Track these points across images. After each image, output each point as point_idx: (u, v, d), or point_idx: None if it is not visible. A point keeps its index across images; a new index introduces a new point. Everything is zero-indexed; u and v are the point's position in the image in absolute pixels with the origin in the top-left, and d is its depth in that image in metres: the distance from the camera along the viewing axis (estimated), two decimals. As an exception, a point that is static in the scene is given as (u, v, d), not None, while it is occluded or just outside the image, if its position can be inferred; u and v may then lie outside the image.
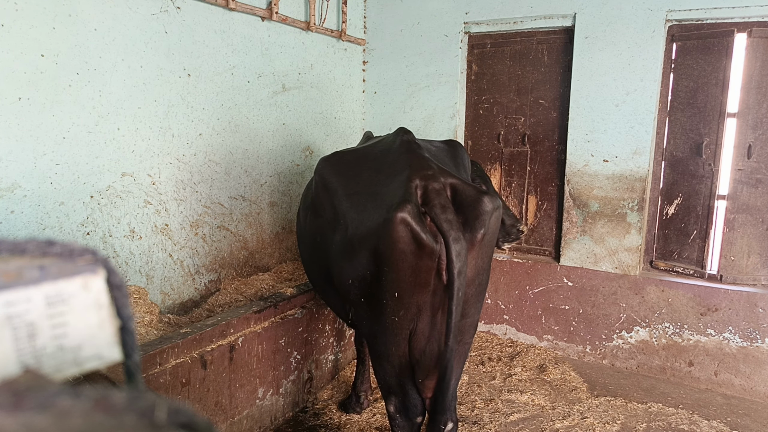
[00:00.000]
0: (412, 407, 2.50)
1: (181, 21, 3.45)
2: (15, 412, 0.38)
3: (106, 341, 0.54)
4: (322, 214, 2.68)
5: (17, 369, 0.48)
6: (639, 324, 4.40)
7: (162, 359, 2.67)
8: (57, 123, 2.86)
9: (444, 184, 2.26)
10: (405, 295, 2.25)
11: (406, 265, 2.19)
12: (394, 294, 2.25)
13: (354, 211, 2.40)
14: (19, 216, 2.76)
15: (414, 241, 2.15)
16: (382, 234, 2.18)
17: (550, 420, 3.64)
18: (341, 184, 2.58)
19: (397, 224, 2.13)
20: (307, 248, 3.05)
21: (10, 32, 2.62)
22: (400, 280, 2.22)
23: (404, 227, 2.13)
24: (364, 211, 2.35)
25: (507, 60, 4.86)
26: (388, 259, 2.20)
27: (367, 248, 2.28)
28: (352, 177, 2.57)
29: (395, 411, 2.53)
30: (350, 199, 2.46)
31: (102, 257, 0.56)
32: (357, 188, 2.48)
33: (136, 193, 3.32)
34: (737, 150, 4.09)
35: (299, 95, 4.57)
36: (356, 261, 2.35)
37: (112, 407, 0.40)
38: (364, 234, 2.29)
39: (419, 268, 2.21)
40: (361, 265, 2.33)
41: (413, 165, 2.33)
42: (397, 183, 2.29)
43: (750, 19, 3.94)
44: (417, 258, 2.18)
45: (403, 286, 2.23)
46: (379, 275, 2.27)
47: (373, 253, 2.26)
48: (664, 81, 4.27)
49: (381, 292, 2.28)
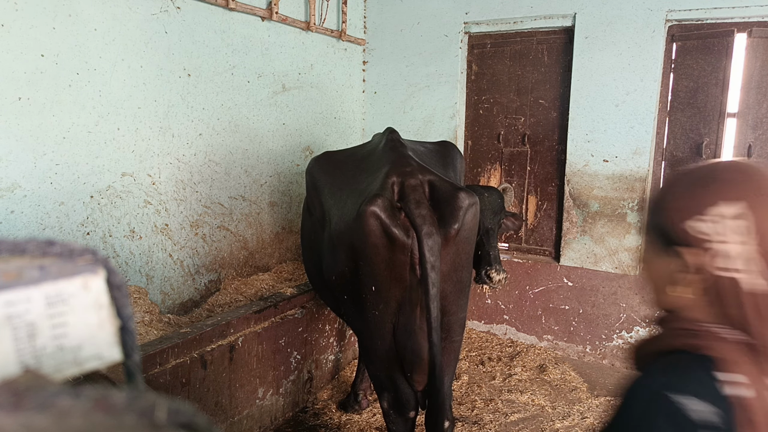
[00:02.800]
0: (404, 402, 2.50)
1: (181, 21, 3.45)
2: (15, 412, 0.38)
3: (106, 341, 0.54)
4: (313, 212, 2.73)
5: (17, 369, 0.48)
6: (639, 324, 4.40)
7: (162, 359, 2.67)
8: (57, 123, 2.86)
9: (422, 181, 2.28)
10: (382, 289, 2.28)
11: (380, 258, 2.23)
12: (371, 288, 2.28)
13: (336, 207, 2.44)
14: (19, 216, 2.76)
15: (385, 234, 2.19)
16: (355, 228, 2.22)
17: (550, 420, 3.64)
18: (328, 182, 2.62)
19: (368, 217, 2.16)
20: (305, 248, 3.10)
21: (10, 32, 2.62)
22: (375, 274, 2.26)
23: (375, 220, 2.17)
24: (344, 207, 2.39)
25: (507, 60, 4.86)
26: (362, 252, 2.24)
27: (345, 243, 2.32)
28: (339, 175, 2.61)
29: (388, 407, 2.55)
30: (334, 196, 2.51)
31: (102, 257, 0.56)
32: (341, 186, 2.53)
33: (136, 193, 3.32)
34: (737, 150, 4.08)
35: (299, 95, 4.57)
36: (336, 257, 2.39)
37: (112, 407, 0.40)
38: (342, 230, 2.33)
39: (393, 262, 2.23)
40: (341, 261, 2.37)
41: (393, 162, 2.37)
42: (376, 180, 2.32)
43: (750, 19, 3.94)
44: (389, 252, 2.21)
45: (379, 279, 2.26)
46: (356, 270, 2.30)
47: (349, 248, 2.30)
48: (664, 81, 4.27)
49: (360, 286, 2.32)
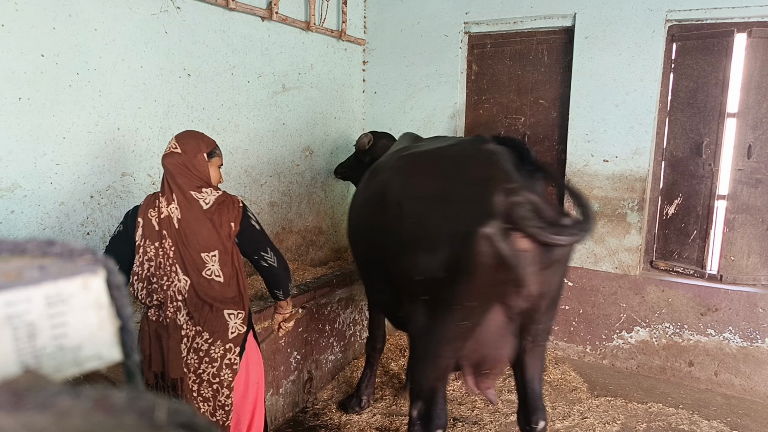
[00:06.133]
0: (435, 418, 2.51)
1: (181, 21, 3.45)
2: (15, 412, 0.38)
3: (106, 341, 0.54)
4: (388, 210, 2.58)
5: (17, 369, 0.48)
6: (639, 324, 4.40)
7: (162, 359, 2.67)
8: (57, 123, 2.86)
9: (526, 199, 2.19)
10: (477, 300, 2.26)
11: (484, 278, 2.19)
12: (464, 301, 2.25)
13: (431, 215, 2.36)
14: (19, 216, 2.76)
15: (495, 256, 2.14)
16: (463, 244, 2.16)
17: (550, 420, 3.64)
18: (413, 184, 2.52)
19: (481, 239, 2.12)
20: (363, 243, 2.97)
21: (10, 32, 2.62)
22: (473, 291, 2.23)
23: (487, 243, 2.12)
24: (442, 216, 2.32)
25: (507, 60, 4.86)
26: (466, 269, 2.18)
27: (443, 254, 2.26)
28: (428, 179, 2.51)
29: (417, 417, 2.52)
30: (422, 201, 2.42)
31: (102, 257, 0.56)
32: (431, 191, 2.43)
33: (136, 193, 3.32)
34: (737, 150, 4.08)
35: (299, 95, 4.57)
36: (426, 263, 2.32)
37: (112, 407, 0.40)
38: (440, 239, 2.28)
39: (497, 280, 2.21)
40: (431, 267, 2.30)
41: (495, 177, 2.28)
42: (479, 195, 2.24)
43: (750, 19, 3.94)
44: (496, 272, 2.18)
45: (475, 295, 2.24)
46: (452, 280, 2.25)
47: (448, 260, 2.24)
48: (664, 81, 4.27)
49: (450, 296, 2.28)
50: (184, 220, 2.28)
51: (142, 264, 2.30)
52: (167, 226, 2.28)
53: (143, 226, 2.30)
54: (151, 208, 2.31)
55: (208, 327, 2.30)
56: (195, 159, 2.33)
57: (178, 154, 2.32)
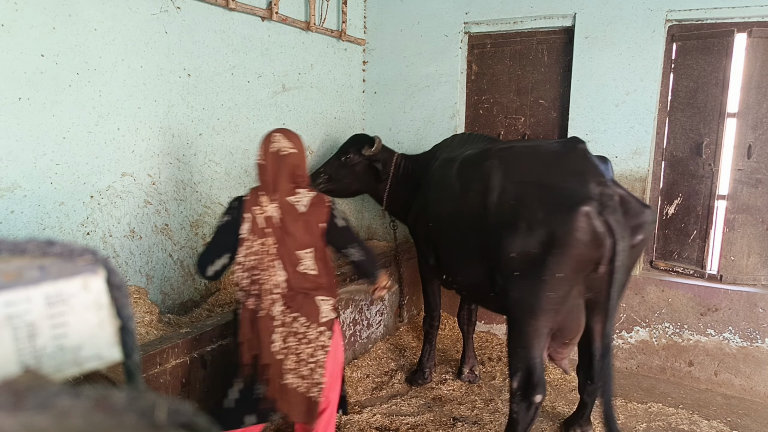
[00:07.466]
0: (535, 383, 2.82)
1: (181, 21, 3.45)
2: (15, 412, 0.38)
3: (106, 341, 0.54)
4: (489, 195, 2.98)
5: (17, 369, 0.48)
6: (639, 324, 4.40)
7: (162, 359, 2.67)
8: (57, 123, 2.86)
9: (615, 192, 2.67)
10: (568, 275, 2.64)
11: (577, 252, 2.58)
12: (555, 274, 2.63)
13: (531, 198, 2.76)
14: (19, 216, 2.76)
15: (590, 233, 2.54)
16: (563, 221, 2.56)
17: (550, 420, 3.65)
18: (518, 171, 2.94)
19: (581, 215, 2.53)
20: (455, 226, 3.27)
21: (10, 32, 2.62)
22: (565, 264, 2.61)
23: (586, 219, 2.53)
24: (541, 198, 2.73)
25: (507, 60, 4.86)
26: (563, 243, 2.57)
27: (543, 230, 2.64)
28: (531, 168, 2.91)
29: (518, 387, 2.85)
30: (526, 186, 2.83)
31: (102, 257, 0.56)
32: (534, 179, 2.84)
33: (136, 193, 3.32)
34: (737, 150, 4.08)
35: (299, 95, 4.57)
36: (526, 239, 2.70)
37: (112, 407, 0.40)
38: (541, 218, 2.67)
39: (586, 256, 2.60)
40: (529, 244, 2.69)
41: (590, 171, 2.74)
42: (577, 182, 2.68)
43: (750, 19, 3.94)
44: (588, 248, 2.57)
45: (567, 269, 2.62)
46: (546, 254, 2.63)
47: (547, 236, 2.63)
48: (664, 81, 4.27)
49: (543, 269, 2.64)
50: (284, 221, 2.47)
51: (246, 256, 2.46)
52: (271, 224, 2.46)
53: (250, 222, 2.45)
54: (256, 204, 2.47)
55: (304, 311, 2.50)
56: (304, 157, 2.59)
57: (294, 154, 2.52)
